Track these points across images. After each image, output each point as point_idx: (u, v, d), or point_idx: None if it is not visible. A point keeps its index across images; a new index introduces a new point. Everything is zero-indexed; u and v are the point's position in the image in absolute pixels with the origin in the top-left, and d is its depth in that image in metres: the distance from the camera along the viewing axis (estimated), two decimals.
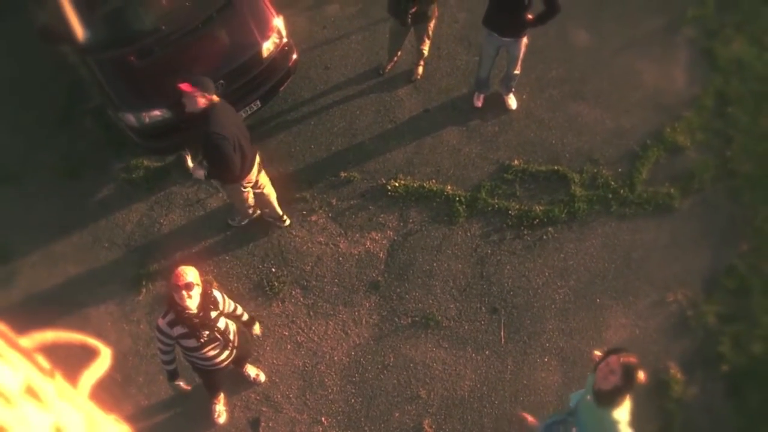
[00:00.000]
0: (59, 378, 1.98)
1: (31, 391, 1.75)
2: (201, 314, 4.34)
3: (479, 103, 6.54)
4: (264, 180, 5.65)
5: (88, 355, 2.50)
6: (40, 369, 1.91)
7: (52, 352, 2.08)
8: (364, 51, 7.02)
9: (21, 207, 6.56)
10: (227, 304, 4.58)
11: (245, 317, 4.78)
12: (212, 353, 4.58)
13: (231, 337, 4.66)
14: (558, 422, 4.62)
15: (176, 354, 4.60)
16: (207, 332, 4.43)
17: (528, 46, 6.06)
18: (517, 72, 6.29)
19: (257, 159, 5.46)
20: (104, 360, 2.51)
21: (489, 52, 6.05)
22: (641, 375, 3.85)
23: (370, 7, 7.22)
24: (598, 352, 4.41)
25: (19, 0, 7.19)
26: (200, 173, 5.26)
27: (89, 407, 2.15)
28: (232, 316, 4.66)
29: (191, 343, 4.44)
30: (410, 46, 6.71)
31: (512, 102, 6.54)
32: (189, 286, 4.23)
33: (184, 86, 4.88)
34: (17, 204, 6.58)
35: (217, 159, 5.03)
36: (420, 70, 6.73)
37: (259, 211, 6.13)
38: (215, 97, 4.98)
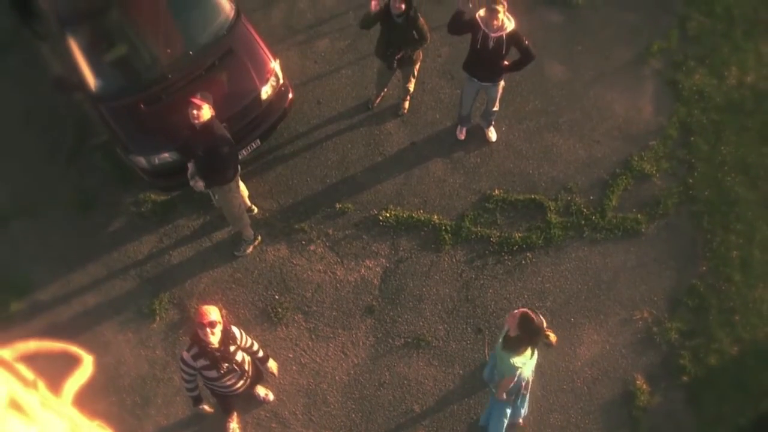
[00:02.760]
0: (42, 387, 2.01)
1: (14, 404, 1.78)
2: (222, 348, 5.07)
3: (462, 136, 7.29)
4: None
5: (70, 362, 2.43)
6: (23, 380, 1.94)
7: (35, 361, 2.13)
8: (354, 85, 7.72)
9: (37, 240, 7.23)
10: (245, 339, 5.31)
11: (260, 353, 5.51)
12: (230, 382, 5.32)
13: (246, 367, 5.40)
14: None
15: (198, 382, 5.34)
16: (227, 364, 5.17)
17: (505, 81, 6.81)
18: (495, 109, 7.04)
19: None
20: (87, 367, 2.41)
21: (469, 94, 6.79)
22: (552, 337, 4.87)
23: (358, 41, 7.91)
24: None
25: (25, 36, 7.82)
26: (200, 184, 6.08)
27: (73, 415, 2.20)
28: (248, 350, 5.39)
29: (212, 374, 5.18)
30: (397, 81, 7.43)
31: (492, 135, 7.28)
32: (212, 324, 4.95)
33: (197, 99, 5.65)
34: (34, 237, 7.25)
35: (226, 159, 5.91)
36: (406, 105, 7.45)
37: (260, 238, 6.88)
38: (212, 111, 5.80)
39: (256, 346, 5.47)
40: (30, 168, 7.64)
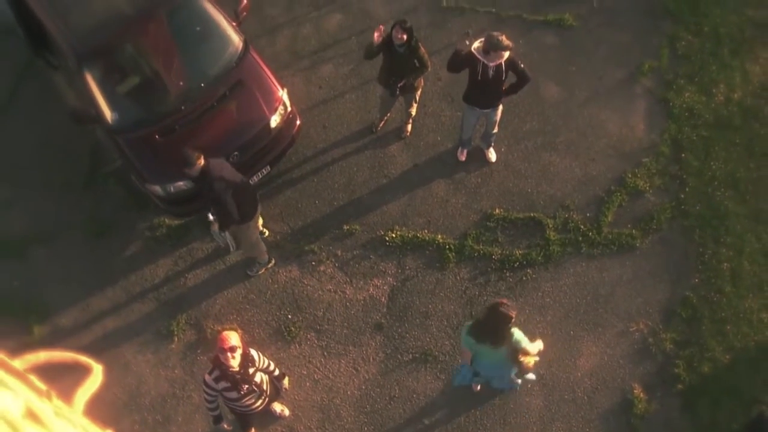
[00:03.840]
0: (55, 397, 2.03)
1: (31, 414, 1.81)
2: (242, 371, 5.48)
3: (463, 158, 7.70)
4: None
5: (81, 372, 2.44)
6: (37, 390, 1.96)
7: (46, 371, 2.17)
8: (357, 110, 8.14)
9: (56, 266, 7.64)
10: (262, 361, 5.71)
11: (276, 372, 5.91)
12: (250, 402, 5.73)
13: (265, 387, 5.81)
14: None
15: (219, 402, 5.75)
16: (246, 386, 5.58)
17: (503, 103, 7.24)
18: (495, 131, 7.46)
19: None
20: (97, 376, 2.42)
21: (470, 121, 7.21)
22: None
23: (361, 67, 8.32)
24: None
25: (38, 67, 8.23)
26: (215, 227, 6.46)
27: (86, 424, 2.22)
28: (266, 371, 5.80)
29: (233, 394, 5.59)
30: (399, 105, 7.84)
31: (492, 155, 7.70)
32: (233, 349, 5.36)
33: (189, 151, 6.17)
34: (53, 263, 7.66)
35: (228, 202, 6.29)
36: (409, 128, 7.87)
37: (273, 261, 7.30)
38: (202, 160, 6.17)
39: (272, 366, 5.88)
40: (47, 195, 8.04)
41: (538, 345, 5.75)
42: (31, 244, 7.79)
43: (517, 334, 5.52)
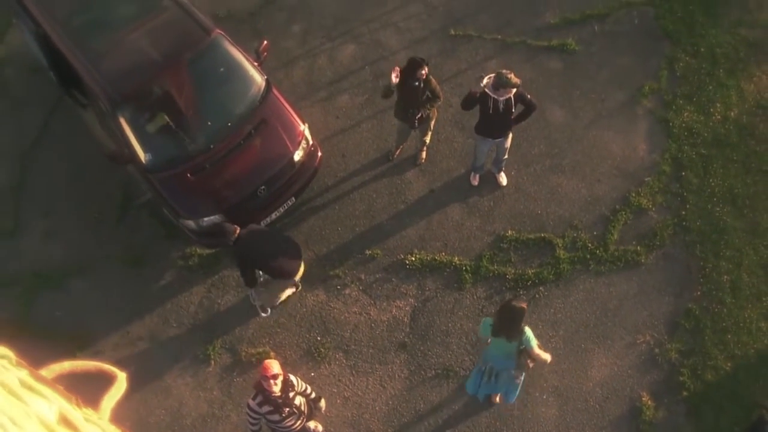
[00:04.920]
0: (82, 405, 2.11)
1: (65, 421, 1.89)
2: (283, 396, 6.13)
3: (475, 182, 8.32)
4: None
5: (105, 380, 2.51)
6: (66, 398, 2.04)
7: (71, 380, 2.24)
8: (374, 138, 8.76)
9: (96, 296, 8.28)
10: (300, 385, 6.36)
11: (313, 395, 6.56)
12: (290, 423, 6.38)
13: (303, 408, 6.46)
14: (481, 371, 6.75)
15: (261, 424, 6.40)
16: (288, 409, 6.23)
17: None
18: (506, 157, 8.07)
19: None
20: (121, 383, 2.48)
21: (483, 150, 7.83)
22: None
23: (375, 96, 8.92)
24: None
25: (69, 103, 8.85)
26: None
27: (113, 430, 2.30)
28: (304, 394, 6.44)
29: (275, 417, 6.23)
30: (414, 133, 8.44)
31: (503, 179, 8.32)
32: (275, 377, 6.00)
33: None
34: (92, 293, 8.30)
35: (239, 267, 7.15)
36: (423, 155, 8.49)
37: (299, 286, 7.95)
38: (237, 231, 6.94)
39: (309, 389, 6.52)
40: (82, 227, 8.68)
41: (545, 356, 6.41)
42: (71, 275, 8.42)
43: (528, 332, 6.23)
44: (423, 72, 7.37)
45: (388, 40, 9.39)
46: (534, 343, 6.27)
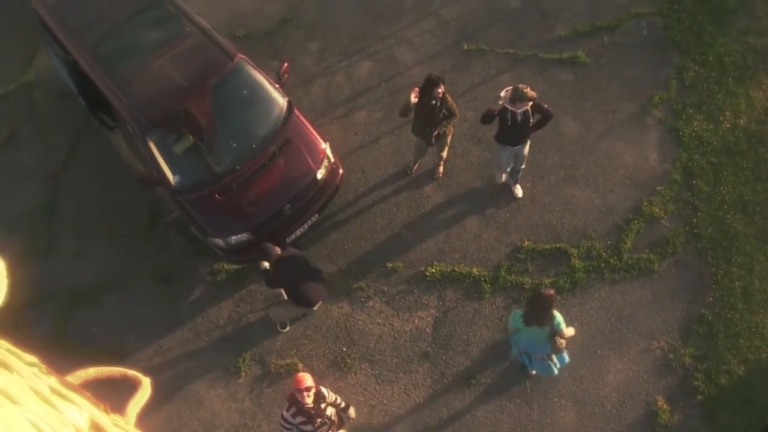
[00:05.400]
0: (110, 411, 2.13)
1: (96, 427, 1.90)
2: (315, 407, 6.52)
3: (502, 179, 8.58)
4: None
5: (130, 385, 2.48)
6: (95, 404, 2.05)
7: (96, 386, 2.27)
8: (392, 153, 9.12)
9: (128, 312, 8.69)
10: (331, 396, 6.74)
11: (342, 405, 6.94)
12: None
13: (334, 418, 6.84)
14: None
15: None
16: (320, 419, 6.61)
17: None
18: (523, 167, 8.40)
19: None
20: (146, 389, 2.46)
21: (504, 157, 8.17)
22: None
23: (392, 112, 9.27)
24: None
25: (96, 125, 9.25)
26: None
27: None
28: (334, 404, 6.83)
29: (308, 428, 6.62)
30: (431, 149, 8.78)
31: (518, 191, 8.66)
32: (308, 389, 6.39)
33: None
34: (124, 309, 8.71)
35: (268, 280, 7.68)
36: (441, 169, 8.83)
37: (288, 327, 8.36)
38: (278, 251, 7.38)
39: (339, 400, 6.90)
40: (113, 246, 9.10)
41: (571, 331, 6.90)
42: (103, 292, 8.84)
43: (558, 316, 6.73)
44: (440, 90, 7.70)
45: (403, 56, 9.73)
46: (563, 324, 6.76)
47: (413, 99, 7.74)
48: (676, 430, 7.54)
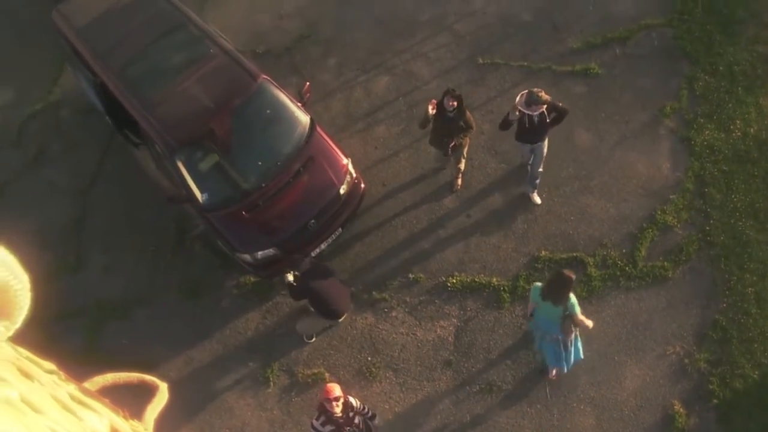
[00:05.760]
0: (128, 417, 2.17)
1: None
2: (344, 416, 6.85)
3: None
4: None
5: (147, 390, 2.52)
6: (114, 411, 2.08)
7: (113, 391, 2.28)
8: (411, 167, 9.44)
9: (158, 325, 9.05)
10: (359, 405, 7.08)
11: (369, 413, 7.27)
12: None
13: (362, 427, 7.18)
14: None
15: None
16: (348, 428, 6.95)
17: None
18: (540, 170, 8.72)
19: None
20: (163, 394, 2.50)
21: (526, 153, 8.57)
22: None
23: (411, 126, 9.59)
24: None
25: (121, 142, 9.60)
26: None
27: None
28: (362, 413, 7.16)
29: None
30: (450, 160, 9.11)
31: (537, 199, 8.98)
32: (337, 399, 6.73)
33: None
34: (154, 322, 9.08)
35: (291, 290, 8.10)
36: (459, 182, 9.15)
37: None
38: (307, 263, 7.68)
39: (366, 409, 7.23)
40: (141, 261, 9.46)
41: (588, 322, 7.22)
42: (133, 306, 9.21)
43: (573, 298, 7.06)
44: (452, 103, 8.03)
45: (420, 70, 10.05)
46: (578, 309, 7.09)
47: (431, 111, 8.07)
48: None
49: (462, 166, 9.01)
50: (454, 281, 8.70)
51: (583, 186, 9.10)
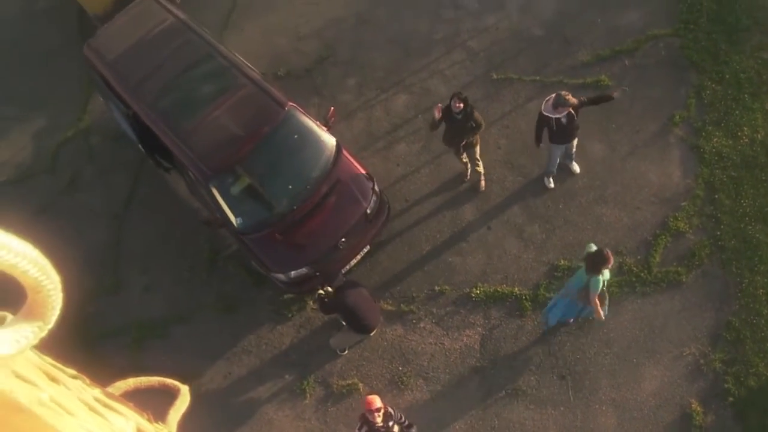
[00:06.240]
0: (153, 420, 2.25)
1: None
2: (384, 425, 7.42)
3: (551, 185, 9.58)
4: None
5: (170, 394, 2.60)
6: (139, 414, 2.16)
7: (137, 395, 2.37)
8: (432, 183, 9.97)
9: (197, 341, 9.63)
10: (397, 414, 7.64)
11: (407, 422, 7.84)
12: None
13: None
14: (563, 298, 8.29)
15: None
16: None
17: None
18: (574, 150, 9.36)
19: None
20: (185, 396, 2.55)
21: (556, 155, 9.16)
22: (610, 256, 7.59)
23: (430, 143, 10.12)
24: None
25: (152, 167, 10.16)
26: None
27: None
28: (400, 422, 7.72)
29: None
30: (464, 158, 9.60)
31: (576, 168, 9.65)
32: (378, 409, 7.29)
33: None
34: (193, 339, 9.66)
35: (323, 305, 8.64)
36: (482, 183, 9.73)
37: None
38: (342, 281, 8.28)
39: (403, 418, 7.79)
40: (178, 280, 10.04)
41: (600, 310, 7.98)
42: (172, 324, 9.80)
43: (602, 279, 7.66)
44: (459, 105, 8.63)
45: (437, 87, 10.56)
46: (597, 288, 7.72)
47: (437, 114, 8.67)
48: (710, 430, 8.37)
49: (481, 168, 9.54)
50: (478, 292, 9.24)
51: (598, 196, 9.60)
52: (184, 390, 2.71)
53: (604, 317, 8.21)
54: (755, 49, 10.21)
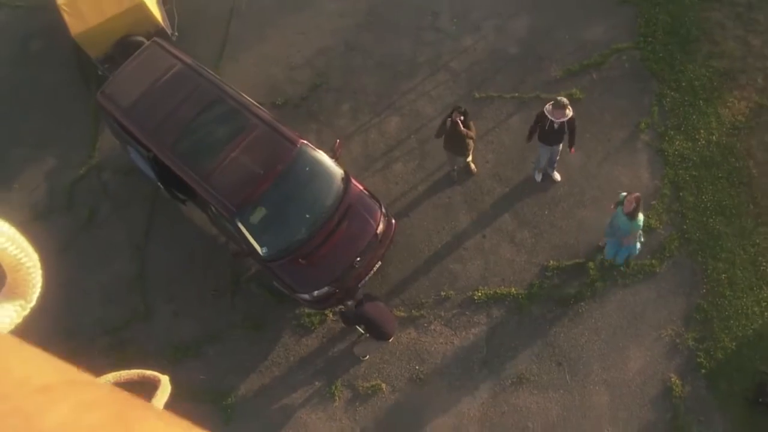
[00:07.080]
0: None
1: None
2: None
3: (539, 178, 10.97)
4: None
5: (150, 385, 1.99)
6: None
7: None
8: (430, 197, 11.30)
9: (230, 359, 10.86)
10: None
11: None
12: None
13: None
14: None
15: None
16: None
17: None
18: (557, 158, 10.75)
19: None
20: (166, 387, 2.12)
21: (544, 155, 10.57)
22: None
23: (424, 161, 11.42)
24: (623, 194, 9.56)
25: (166, 198, 11.24)
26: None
27: None
28: None
29: None
30: (459, 158, 10.95)
31: (557, 176, 11.04)
32: None
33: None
34: (226, 357, 10.89)
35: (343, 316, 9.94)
36: (473, 166, 11.23)
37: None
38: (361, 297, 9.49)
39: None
40: (204, 304, 11.22)
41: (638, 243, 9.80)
42: (204, 344, 11.00)
43: (641, 219, 9.32)
44: (456, 117, 9.94)
45: (425, 108, 11.83)
46: (628, 232, 9.42)
47: (448, 124, 10.06)
48: (688, 399, 9.99)
49: (470, 158, 10.94)
50: (480, 294, 10.65)
51: (578, 201, 11.05)
52: (165, 380, 2.83)
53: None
54: (705, 57, 11.70)
